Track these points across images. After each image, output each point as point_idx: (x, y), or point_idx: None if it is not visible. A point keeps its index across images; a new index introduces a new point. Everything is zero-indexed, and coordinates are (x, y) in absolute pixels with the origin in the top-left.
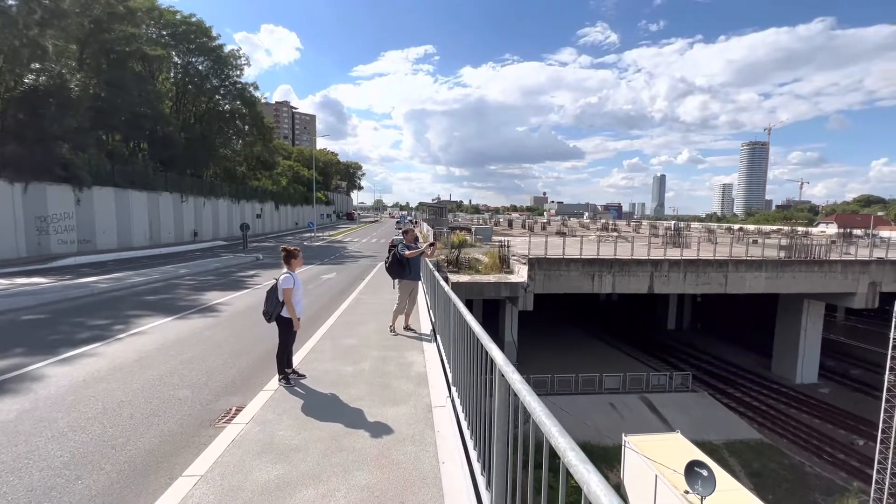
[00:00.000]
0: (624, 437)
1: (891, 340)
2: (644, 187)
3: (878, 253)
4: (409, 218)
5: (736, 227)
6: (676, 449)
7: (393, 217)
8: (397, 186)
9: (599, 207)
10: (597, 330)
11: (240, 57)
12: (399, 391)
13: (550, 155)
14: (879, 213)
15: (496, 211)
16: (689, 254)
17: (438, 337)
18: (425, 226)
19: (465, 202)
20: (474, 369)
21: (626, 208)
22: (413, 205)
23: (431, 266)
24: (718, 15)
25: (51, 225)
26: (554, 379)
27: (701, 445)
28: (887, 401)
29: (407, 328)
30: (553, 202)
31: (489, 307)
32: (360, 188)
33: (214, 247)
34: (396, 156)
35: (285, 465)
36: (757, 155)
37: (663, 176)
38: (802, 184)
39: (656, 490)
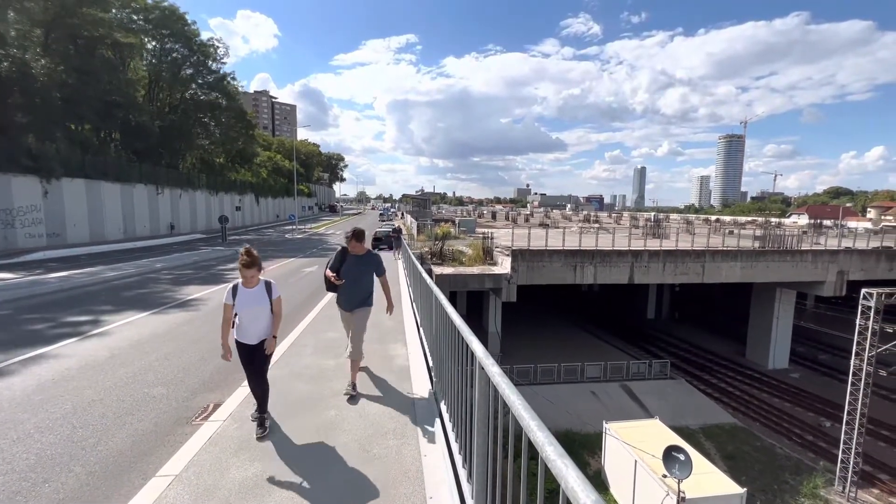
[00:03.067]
0: (605, 425)
1: (857, 327)
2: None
3: (846, 243)
4: (392, 210)
5: (713, 218)
6: (655, 435)
7: (375, 209)
8: (381, 178)
9: (582, 199)
10: (579, 320)
11: (218, 47)
12: (381, 384)
13: (534, 147)
14: (848, 205)
15: (480, 203)
16: (668, 245)
17: (421, 329)
18: (409, 218)
19: (449, 194)
20: (456, 362)
21: (607, 200)
22: (396, 197)
23: (415, 258)
24: (698, 8)
25: (17, 218)
26: (537, 369)
27: (678, 431)
28: (852, 384)
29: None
30: (536, 194)
31: (473, 299)
32: (342, 180)
33: (192, 240)
34: (379, 147)
35: (263, 462)
36: (733, 148)
37: (644, 168)
38: (776, 176)
39: (636, 475)
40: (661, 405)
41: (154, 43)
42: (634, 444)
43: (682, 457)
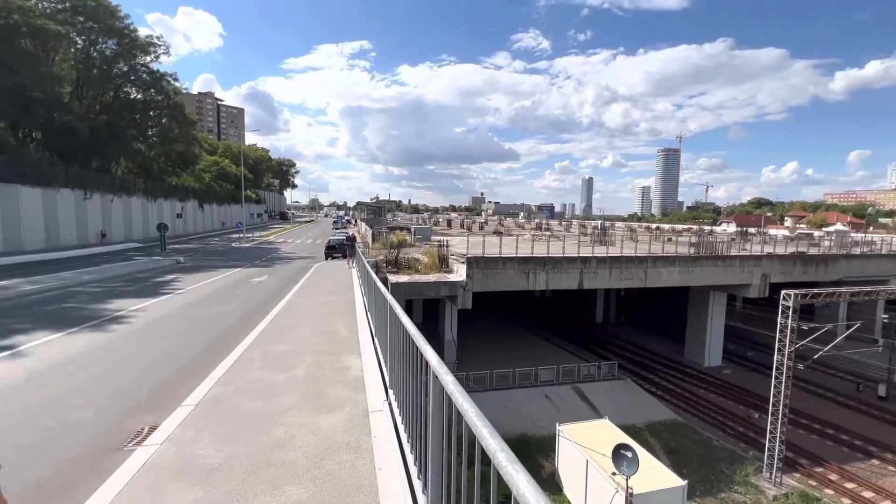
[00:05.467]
0: (558, 427)
1: (778, 325)
2: (574, 189)
3: (768, 249)
4: (346, 218)
5: (654, 226)
6: (605, 434)
7: (329, 217)
8: (334, 185)
9: (534, 208)
10: (533, 325)
11: (158, 45)
12: (334, 397)
13: (488, 156)
14: (768, 214)
15: (436, 211)
16: (614, 251)
17: (376, 339)
18: (363, 226)
19: (405, 202)
20: (411, 371)
21: (557, 208)
22: (351, 204)
23: (369, 267)
24: (638, 30)
25: None
26: (493, 375)
27: (626, 429)
28: (776, 378)
29: None
30: (491, 202)
31: (429, 306)
32: (294, 186)
33: (127, 249)
34: (333, 153)
35: (206, 487)
36: (670, 160)
37: (591, 178)
38: (708, 187)
39: (587, 474)
40: (610, 405)
41: (82, 38)
42: (586, 444)
43: (629, 454)
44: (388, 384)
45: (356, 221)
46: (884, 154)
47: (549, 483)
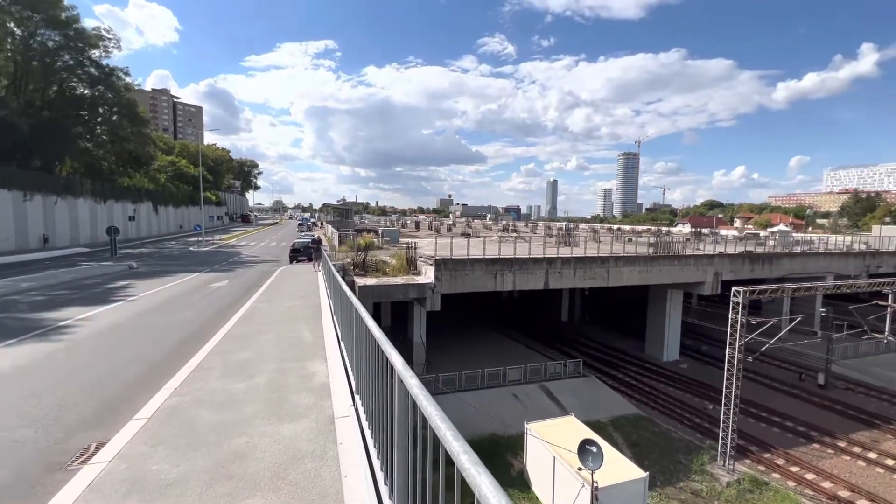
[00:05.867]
0: (526, 425)
1: (729, 321)
2: (539, 191)
3: (720, 248)
4: (312, 220)
5: (615, 227)
6: (571, 431)
7: (294, 219)
8: (299, 187)
9: (501, 209)
10: (501, 325)
11: (108, 38)
12: (299, 405)
13: (455, 158)
14: (719, 215)
15: (403, 213)
16: (578, 252)
17: (342, 344)
18: (330, 228)
19: (372, 203)
20: (378, 376)
21: (524, 210)
22: (317, 206)
23: (335, 270)
24: (598, 37)
25: None
26: (462, 376)
27: (591, 425)
28: (727, 370)
29: None
30: (458, 204)
31: (398, 309)
32: (256, 188)
33: (73, 255)
34: (297, 154)
35: None
36: (630, 164)
37: (556, 181)
38: (665, 190)
39: (555, 470)
40: (576, 402)
41: (21, 28)
42: (553, 441)
43: (594, 449)
44: (354, 389)
45: (322, 224)
46: (820, 159)
47: (518, 481)
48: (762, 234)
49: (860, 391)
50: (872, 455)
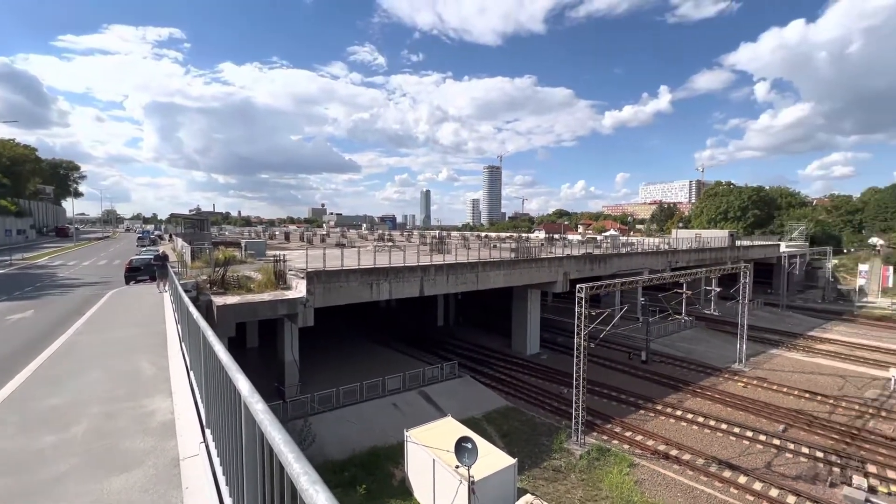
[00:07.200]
0: (406, 433)
1: (576, 313)
2: (413, 201)
3: (567, 251)
4: (156, 233)
5: (483, 234)
6: (449, 431)
7: (132, 232)
8: (139, 194)
9: (376, 219)
10: (379, 335)
11: None
12: (132, 451)
13: (327, 166)
14: (566, 223)
15: (271, 223)
16: (450, 259)
17: (192, 373)
18: (180, 242)
19: (234, 213)
20: (228, 405)
21: (399, 219)
22: (163, 216)
23: (181, 289)
24: (463, 58)
25: None
26: (339, 392)
27: (467, 422)
28: (576, 356)
29: None
30: (332, 214)
31: (266, 328)
32: (78, 195)
33: None
34: (135, 156)
35: None
36: (494, 176)
37: (429, 191)
38: (524, 200)
39: (434, 473)
40: (453, 403)
41: None
42: (433, 444)
43: (469, 445)
44: (205, 423)
45: (171, 237)
46: (637, 176)
47: (400, 490)
48: (599, 238)
49: (669, 362)
50: (679, 413)
